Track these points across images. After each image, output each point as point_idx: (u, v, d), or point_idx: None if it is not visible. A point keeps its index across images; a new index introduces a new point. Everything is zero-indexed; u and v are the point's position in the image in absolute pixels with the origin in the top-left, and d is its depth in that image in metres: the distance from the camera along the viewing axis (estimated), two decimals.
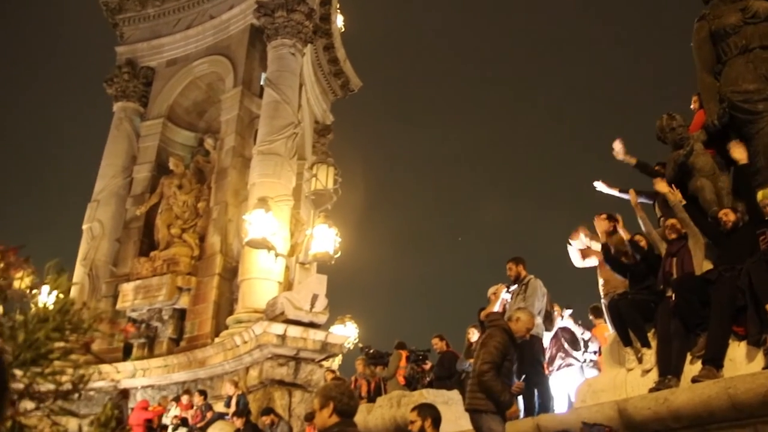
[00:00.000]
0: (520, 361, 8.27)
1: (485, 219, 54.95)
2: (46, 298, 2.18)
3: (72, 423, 2.88)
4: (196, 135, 23.72)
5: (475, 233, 54.53)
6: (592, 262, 10.43)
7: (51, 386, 2.03)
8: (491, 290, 10.56)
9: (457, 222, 55.74)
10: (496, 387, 6.90)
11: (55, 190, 46.93)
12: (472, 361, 9.09)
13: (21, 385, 1.94)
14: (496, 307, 9.76)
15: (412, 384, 12.94)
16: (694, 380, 6.45)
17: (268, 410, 13.63)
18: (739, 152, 8.30)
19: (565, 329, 10.98)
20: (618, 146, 9.80)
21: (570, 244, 10.56)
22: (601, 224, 9.99)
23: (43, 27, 49.21)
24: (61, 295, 2.04)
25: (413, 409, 6.53)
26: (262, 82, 21.69)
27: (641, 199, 9.56)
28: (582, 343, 10.89)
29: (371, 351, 14.55)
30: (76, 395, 2.04)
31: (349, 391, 4.32)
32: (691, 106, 10.09)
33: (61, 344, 1.96)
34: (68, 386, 2.03)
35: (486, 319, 7.77)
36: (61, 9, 45.31)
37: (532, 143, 56.59)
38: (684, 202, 8.38)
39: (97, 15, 25.80)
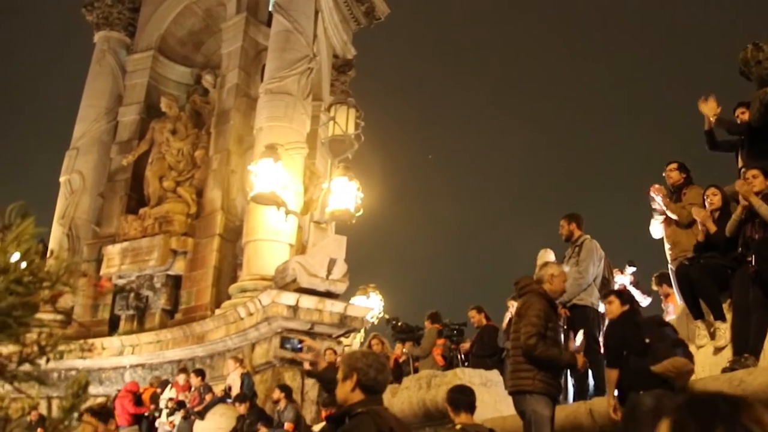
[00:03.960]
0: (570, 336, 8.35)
1: (536, 176, 54.82)
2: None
3: (42, 401, 2.98)
4: (193, 71, 23.77)
5: (525, 192, 54.39)
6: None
7: (14, 348, 2.10)
8: (540, 259, 10.63)
9: (503, 172, 55.56)
10: (553, 353, 7.11)
11: (27, 136, 47.28)
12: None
13: None
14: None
15: (450, 363, 13.06)
16: None
17: (284, 387, 13.71)
18: None
19: None
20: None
21: (654, 215, 10.50)
22: (670, 176, 9.98)
23: None
24: (25, 245, 2.10)
25: None
26: (270, 8, 21.63)
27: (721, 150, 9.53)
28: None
29: (400, 324, 14.67)
30: (44, 359, 2.11)
31: (378, 364, 4.36)
32: None
33: (27, 299, 2.03)
34: (34, 348, 2.09)
35: (517, 286, 7.83)
36: None
37: (589, 93, 56.05)
38: None
39: None
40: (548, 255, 11.50)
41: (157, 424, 15.78)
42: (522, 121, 56.08)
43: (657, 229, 10.39)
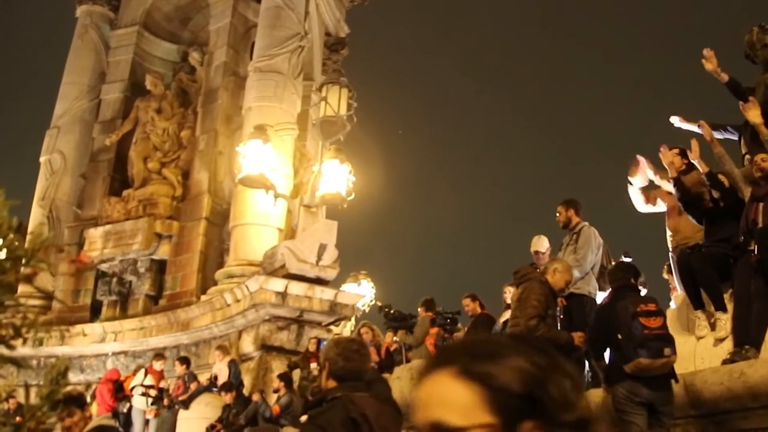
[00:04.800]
0: (567, 326, 8.41)
1: (534, 157, 54.78)
2: None
3: (19, 389, 2.99)
4: (179, 47, 23.70)
5: (523, 174, 54.39)
6: (659, 206, 10.44)
7: None
8: (534, 245, 10.65)
9: (499, 158, 55.54)
10: (554, 332, 7.21)
11: (5, 114, 47.10)
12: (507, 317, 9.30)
13: None
14: None
15: None
16: None
17: (284, 376, 13.75)
18: None
19: None
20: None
21: (630, 183, 10.57)
22: (669, 159, 9.95)
23: None
24: None
25: None
26: None
27: (726, 135, 9.51)
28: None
29: (392, 312, 14.67)
30: (20, 341, 2.12)
31: (347, 352, 4.40)
32: None
33: (1, 278, 2.04)
34: (9, 330, 2.11)
35: (517, 275, 7.96)
36: None
37: (586, 72, 55.98)
38: None
39: None
40: (542, 242, 11.53)
41: (124, 409, 15.74)
42: (523, 106, 56.10)
43: (638, 200, 10.52)
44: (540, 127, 56.31)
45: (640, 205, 10.55)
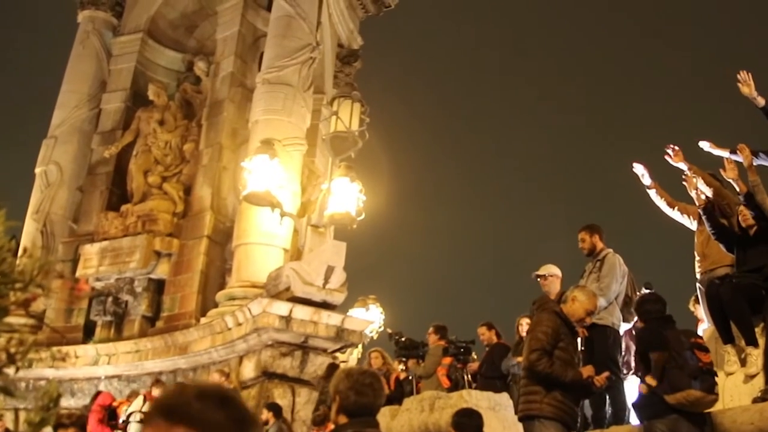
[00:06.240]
0: (588, 358, 8.36)
1: (559, 178, 54.67)
2: None
3: (8, 413, 2.99)
4: (184, 56, 23.75)
5: (546, 195, 54.26)
6: (688, 221, 10.43)
7: None
8: (542, 271, 10.61)
9: (521, 178, 55.44)
10: (555, 369, 7.08)
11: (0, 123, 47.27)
12: (520, 359, 9.25)
13: None
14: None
15: (456, 385, 13.01)
16: None
17: (272, 405, 13.72)
18: None
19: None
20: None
21: (647, 189, 10.67)
22: (694, 185, 9.94)
23: None
24: None
25: None
26: None
27: (758, 161, 9.51)
28: None
29: (403, 339, 14.60)
30: (13, 369, 2.11)
31: (359, 385, 4.35)
32: None
33: None
34: (2, 356, 2.10)
35: (534, 305, 7.94)
36: None
37: (618, 75, 55.88)
38: None
39: None
40: (551, 270, 11.50)
41: None
42: (547, 122, 56.00)
43: (661, 204, 10.57)
44: (569, 146, 56.13)
45: (666, 208, 10.61)
